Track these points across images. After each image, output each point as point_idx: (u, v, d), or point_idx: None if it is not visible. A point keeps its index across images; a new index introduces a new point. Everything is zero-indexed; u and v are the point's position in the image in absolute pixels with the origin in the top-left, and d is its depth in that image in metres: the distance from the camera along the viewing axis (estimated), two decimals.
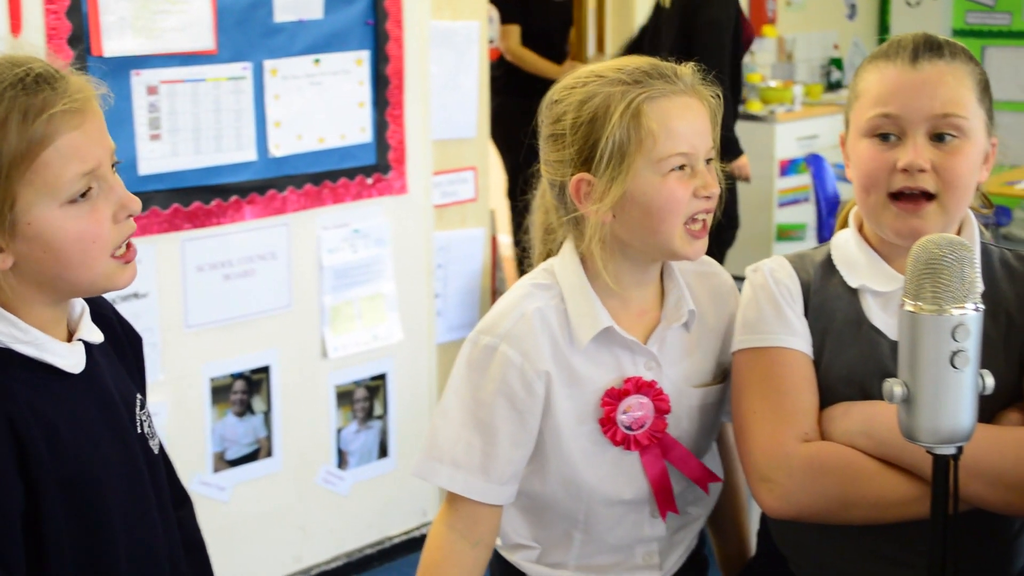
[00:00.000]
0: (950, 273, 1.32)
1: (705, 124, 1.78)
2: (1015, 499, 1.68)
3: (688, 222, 1.76)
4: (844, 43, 8.42)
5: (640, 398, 1.83)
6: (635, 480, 1.86)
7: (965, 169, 1.74)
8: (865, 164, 1.77)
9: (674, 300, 1.87)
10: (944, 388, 1.33)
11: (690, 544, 1.99)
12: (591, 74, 1.80)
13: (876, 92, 1.77)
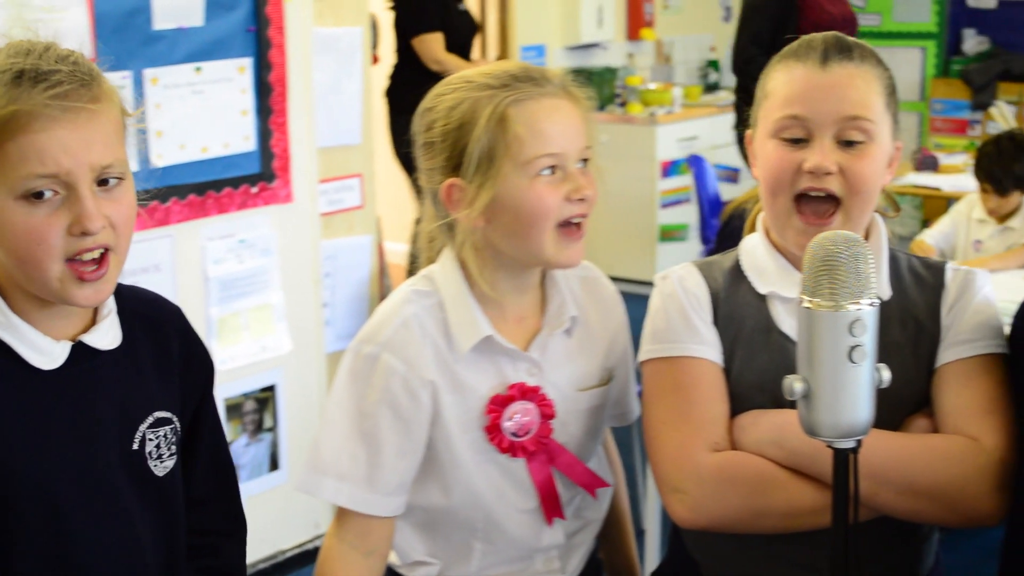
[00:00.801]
0: (846, 270, 1.33)
1: (577, 126, 1.77)
2: (924, 506, 1.69)
3: (562, 225, 1.76)
4: (721, 45, 8.53)
5: (525, 404, 1.82)
6: (525, 487, 1.86)
7: (870, 172, 1.75)
8: (772, 165, 1.77)
9: (556, 306, 1.87)
10: (842, 383, 1.35)
11: (590, 547, 1.99)
12: (461, 80, 1.79)
13: (785, 93, 1.77)
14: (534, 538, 1.88)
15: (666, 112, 7.17)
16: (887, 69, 1.80)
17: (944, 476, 1.68)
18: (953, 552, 3.72)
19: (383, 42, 6.31)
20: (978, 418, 1.72)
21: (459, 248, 1.79)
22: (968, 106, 8.31)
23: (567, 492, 1.90)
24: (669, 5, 8.13)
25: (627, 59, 7.80)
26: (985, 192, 4.76)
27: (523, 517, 1.87)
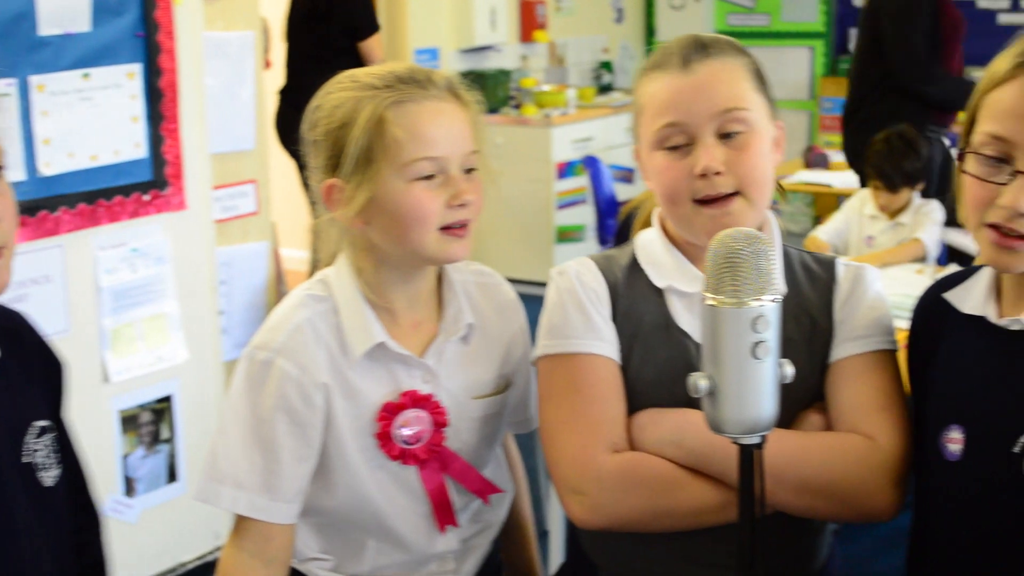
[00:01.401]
0: (748, 266, 1.33)
1: (462, 130, 1.77)
2: (821, 504, 1.71)
3: (443, 229, 1.75)
4: (613, 46, 8.59)
5: (417, 412, 1.81)
6: (417, 494, 1.85)
7: (758, 161, 1.75)
8: (664, 177, 1.76)
9: (452, 313, 1.86)
10: (747, 379, 1.35)
11: (486, 550, 1.98)
12: (348, 78, 1.78)
13: (657, 103, 1.76)
14: (427, 544, 1.87)
15: (561, 114, 7.19)
16: (748, 55, 1.80)
17: (841, 474, 1.69)
18: (849, 543, 3.79)
19: (274, 46, 6.25)
20: (873, 415, 1.74)
21: (335, 246, 1.80)
22: None
23: (461, 498, 1.89)
24: (562, 7, 8.17)
25: (521, 61, 7.81)
26: (876, 189, 4.83)
27: (415, 523, 1.86)
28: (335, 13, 5.89)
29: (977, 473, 1.64)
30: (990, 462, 1.61)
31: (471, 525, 1.93)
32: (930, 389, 1.75)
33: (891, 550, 3.80)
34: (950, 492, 1.68)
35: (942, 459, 1.68)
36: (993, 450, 1.61)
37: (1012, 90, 1.56)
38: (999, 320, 1.65)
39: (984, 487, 1.62)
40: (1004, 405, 1.61)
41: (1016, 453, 1.58)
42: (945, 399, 1.71)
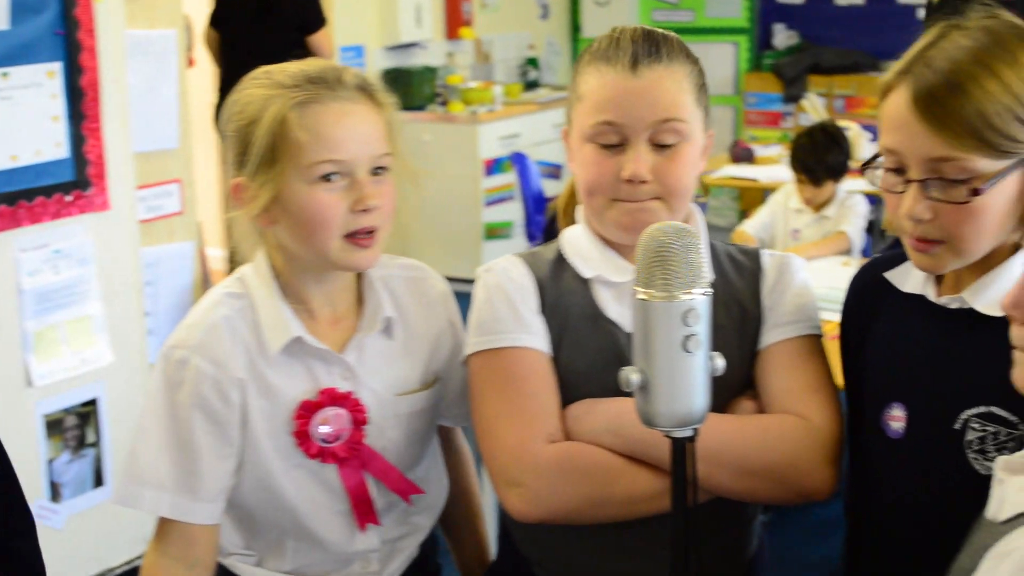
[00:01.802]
0: (678, 260, 1.33)
1: (372, 132, 1.75)
2: (757, 485, 1.72)
3: (349, 235, 1.73)
4: (539, 43, 8.61)
5: (336, 410, 1.79)
6: (336, 492, 1.83)
7: (685, 172, 1.76)
8: (590, 170, 1.76)
9: (371, 308, 1.85)
10: (678, 372, 1.35)
11: (412, 553, 1.96)
12: (264, 74, 1.77)
13: (597, 99, 1.75)
14: (346, 542, 1.86)
15: (487, 110, 7.19)
16: (696, 62, 1.80)
17: (777, 454, 1.71)
18: (778, 534, 3.82)
19: (197, 45, 6.19)
20: (805, 396, 1.76)
21: (236, 242, 1.79)
22: (780, 99, 8.54)
23: (385, 498, 1.88)
24: (487, 4, 8.16)
25: (447, 58, 7.80)
26: (800, 183, 4.89)
27: (334, 521, 1.84)
28: (284, 6, 5.85)
29: (919, 450, 1.66)
30: (932, 439, 1.64)
31: (396, 526, 1.91)
32: (868, 367, 1.77)
33: (821, 539, 3.84)
34: (893, 469, 1.70)
35: (884, 437, 1.70)
36: (935, 427, 1.64)
37: (894, 100, 1.57)
38: (938, 299, 1.67)
39: (926, 464, 1.64)
40: (945, 382, 1.63)
41: (957, 430, 1.61)
42: (886, 377, 1.73)
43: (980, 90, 1.50)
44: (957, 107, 1.50)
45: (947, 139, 1.51)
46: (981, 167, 1.52)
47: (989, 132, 1.50)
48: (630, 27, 1.80)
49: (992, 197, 1.54)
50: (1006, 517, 1.33)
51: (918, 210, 1.56)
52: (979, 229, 1.56)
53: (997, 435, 1.56)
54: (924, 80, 1.53)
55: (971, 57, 1.52)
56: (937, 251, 1.60)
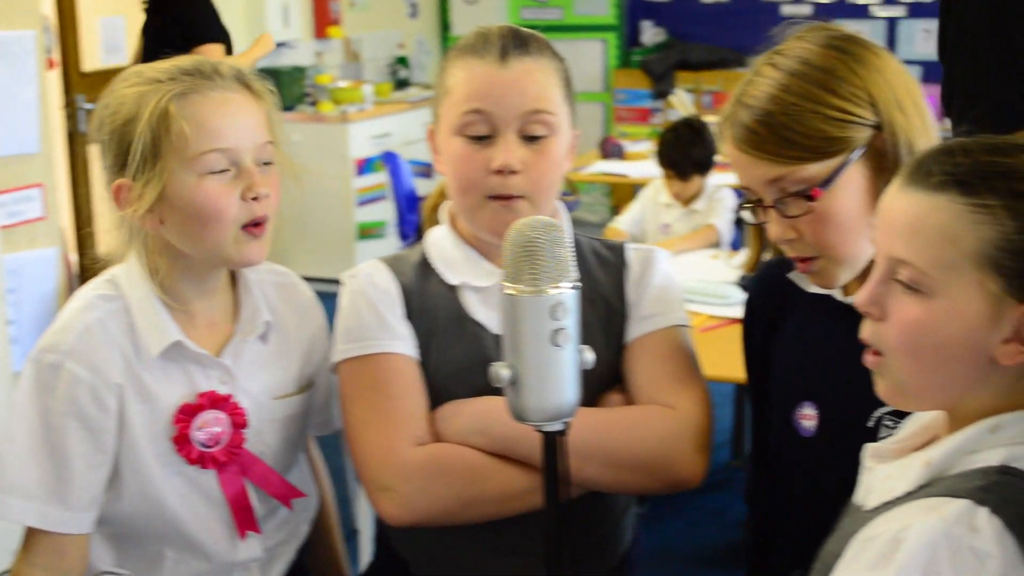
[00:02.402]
0: (545, 254, 1.33)
1: (254, 121, 1.74)
2: (626, 476, 1.73)
3: (245, 226, 1.72)
4: (408, 41, 8.58)
5: (216, 413, 1.77)
6: (216, 499, 1.81)
7: (553, 167, 1.77)
8: (460, 164, 1.76)
9: (249, 311, 1.83)
10: (548, 366, 1.35)
11: (292, 558, 1.95)
12: (133, 74, 1.74)
13: (466, 90, 1.75)
14: (228, 552, 1.83)
15: (358, 110, 7.15)
16: (562, 60, 1.82)
17: (645, 445, 1.73)
18: (654, 526, 3.87)
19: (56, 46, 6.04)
20: (671, 386, 1.79)
21: (128, 246, 1.74)
22: (649, 95, 8.63)
23: (264, 505, 1.86)
24: (355, 3, 8.11)
25: (316, 58, 7.74)
26: (668, 178, 4.94)
27: (215, 530, 1.81)
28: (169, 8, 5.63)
29: (832, 448, 1.69)
30: (844, 437, 1.66)
31: (276, 533, 1.90)
32: (778, 366, 1.80)
33: (698, 531, 3.89)
34: (804, 467, 1.73)
35: (796, 436, 1.73)
36: (847, 425, 1.67)
37: (727, 144, 1.66)
38: (846, 298, 1.70)
39: (839, 462, 1.65)
40: (856, 381, 1.64)
41: (870, 427, 1.64)
42: (796, 376, 1.76)
43: (781, 109, 1.58)
44: (766, 132, 1.59)
45: (770, 161, 1.59)
46: (813, 173, 1.59)
47: (802, 140, 1.57)
48: (496, 25, 1.81)
49: (838, 197, 1.59)
50: (873, 506, 1.36)
51: (780, 231, 1.63)
52: (840, 231, 1.61)
53: None
54: (738, 119, 1.62)
55: (773, 84, 1.60)
56: (820, 266, 1.65)
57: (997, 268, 1.25)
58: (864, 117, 1.59)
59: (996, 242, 1.25)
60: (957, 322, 1.28)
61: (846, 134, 1.59)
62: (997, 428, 1.30)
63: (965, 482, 1.26)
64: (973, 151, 1.29)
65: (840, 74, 1.59)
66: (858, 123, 1.59)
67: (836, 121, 1.58)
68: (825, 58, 1.61)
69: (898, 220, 1.32)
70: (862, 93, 1.59)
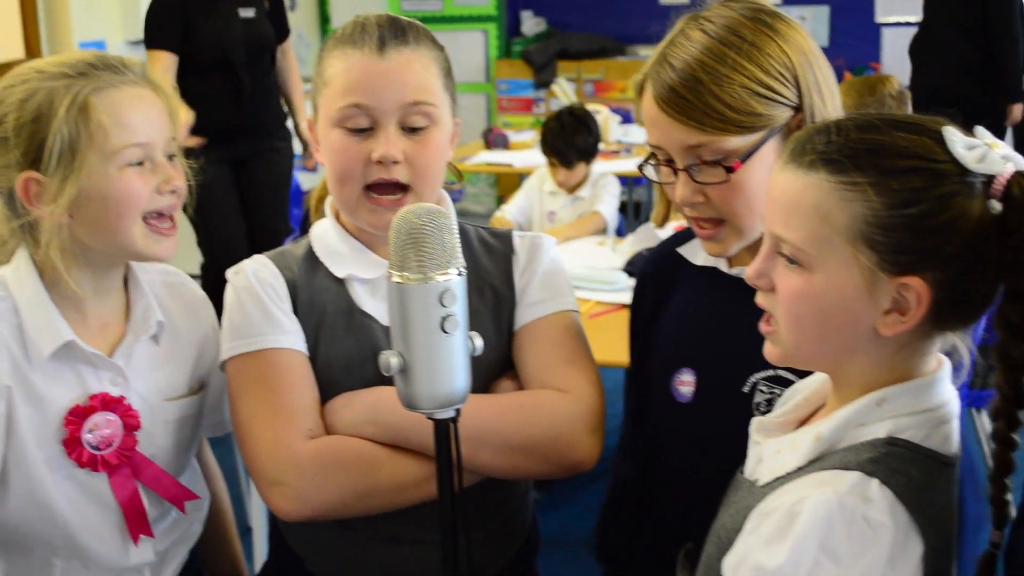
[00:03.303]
0: (432, 241, 1.33)
1: (161, 116, 1.73)
2: (520, 461, 1.73)
3: (153, 218, 1.71)
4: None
5: (107, 415, 1.74)
6: (107, 503, 1.77)
7: (436, 157, 1.76)
8: (339, 156, 1.74)
9: (141, 311, 1.80)
10: (437, 353, 1.35)
11: (183, 559, 1.92)
12: (31, 70, 1.70)
13: (345, 82, 1.73)
14: (120, 557, 1.80)
15: None
16: (441, 49, 1.81)
17: (537, 429, 1.73)
18: (552, 514, 3.89)
19: None
20: (562, 370, 1.79)
21: (44, 248, 1.69)
22: (531, 85, 8.67)
23: (156, 508, 1.83)
24: None
25: None
26: (553, 166, 4.96)
27: (107, 535, 1.78)
28: None
29: (709, 413, 1.72)
30: (721, 402, 1.70)
31: (168, 535, 1.87)
32: (661, 336, 1.82)
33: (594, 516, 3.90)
34: (681, 433, 1.75)
35: (674, 402, 1.75)
36: (724, 390, 1.70)
37: (646, 100, 1.66)
38: (731, 270, 1.74)
39: (716, 426, 1.69)
40: (734, 347, 1.68)
41: (746, 393, 1.67)
42: (676, 344, 1.78)
43: (712, 78, 1.59)
44: (695, 99, 1.59)
45: (694, 128, 1.60)
46: (733, 145, 1.61)
47: (730, 113, 1.59)
48: (374, 14, 1.79)
49: (752, 170, 1.62)
50: (766, 481, 1.38)
51: (688, 195, 1.65)
52: (748, 203, 1.64)
53: None
54: (664, 79, 1.62)
55: (702, 49, 1.61)
56: (720, 233, 1.67)
57: (869, 243, 1.28)
58: (788, 97, 1.62)
59: (866, 218, 1.28)
60: (836, 295, 1.31)
61: (770, 112, 1.61)
62: (883, 401, 1.33)
63: (855, 455, 1.29)
64: (846, 129, 1.32)
65: (769, 51, 1.62)
66: (782, 102, 1.62)
67: (763, 98, 1.60)
68: (755, 32, 1.62)
69: (778, 198, 1.35)
70: (788, 73, 1.62)
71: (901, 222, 1.27)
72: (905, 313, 1.29)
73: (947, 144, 1.28)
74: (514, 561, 1.91)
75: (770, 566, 1.24)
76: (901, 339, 1.32)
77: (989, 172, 1.29)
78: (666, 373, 1.77)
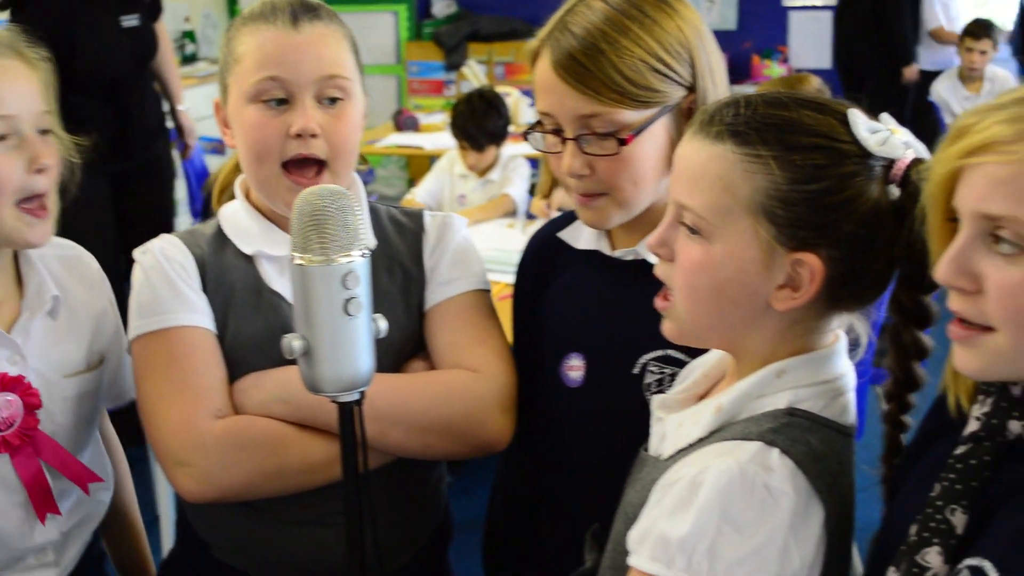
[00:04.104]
0: (334, 222, 1.33)
1: (30, 88, 1.69)
2: (432, 441, 1.72)
3: (24, 201, 1.67)
4: (195, 15, 8.40)
5: (6, 395, 1.71)
6: (10, 483, 1.74)
7: (352, 131, 1.75)
8: (256, 132, 1.72)
9: (35, 287, 1.78)
10: (341, 336, 1.35)
11: (86, 539, 1.90)
12: None
13: (259, 56, 1.71)
14: (24, 537, 1.77)
15: None
16: (346, 26, 1.80)
17: (449, 408, 1.72)
18: (464, 499, 3.89)
19: None
20: (472, 349, 1.79)
21: None
22: (442, 67, 8.64)
23: (59, 485, 1.80)
24: None
25: None
26: (463, 149, 4.96)
27: (13, 516, 1.75)
28: None
29: (598, 397, 1.73)
30: (610, 385, 1.71)
31: (72, 514, 1.84)
32: (546, 321, 1.82)
33: None
34: (573, 418, 1.75)
35: (563, 387, 1.76)
36: (613, 374, 1.70)
37: (541, 66, 1.65)
38: (614, 252, 1.75)
39: (606, 410, 1.71)
40: (622, 330, 1.70)
41: (636, 374, 1.68)
42: (563, 329, 1.78)
43: (613, 49, 1.59)
44: (594, 67, 1.59)
45: (590, 97, 1.60)
46: (627, 119, 1.61)
47: (628, 86, 1.59)
48: None
49: (641, 146, 1.63)
50: (669, 454, 1.40)
51: (576, 166, 1.64)
52: (635, 178, 1.64)
53: (674, 376, 1.64)
54: (563, 45, 1.61)
55: (604, 19, 1.61)
56: (601, 204, 1.67)
57: (769, 216, 1.30)
58: (683, 76, 1.64)
59: (768, 191, 1.30)
60: (733, 266, 1.33)
61: (666, 88, 1.62)
62: (782, 372, 1.36)
63: (755, 425, 1.32)
64: (755, 104, 1.34)
65: (668, 28, 1.62)
66: (678, 81, 1.63)
67: (661, 74, 1.61)
68: (656, 8, 1.63)
69: (684, 167, 1.37)
70: (685, 52, 1.63)
71: (801, 197, 1.29)
72: (798, 289, 1.32)
73: (851, 126, 1.31)
74: (424, 548, 1.90)
75: (674, 536, 1.25)
76: (796, 314, 1.35)
77: (889, 156, 1.32)
78: (555, 359, 1.77)
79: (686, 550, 1.24)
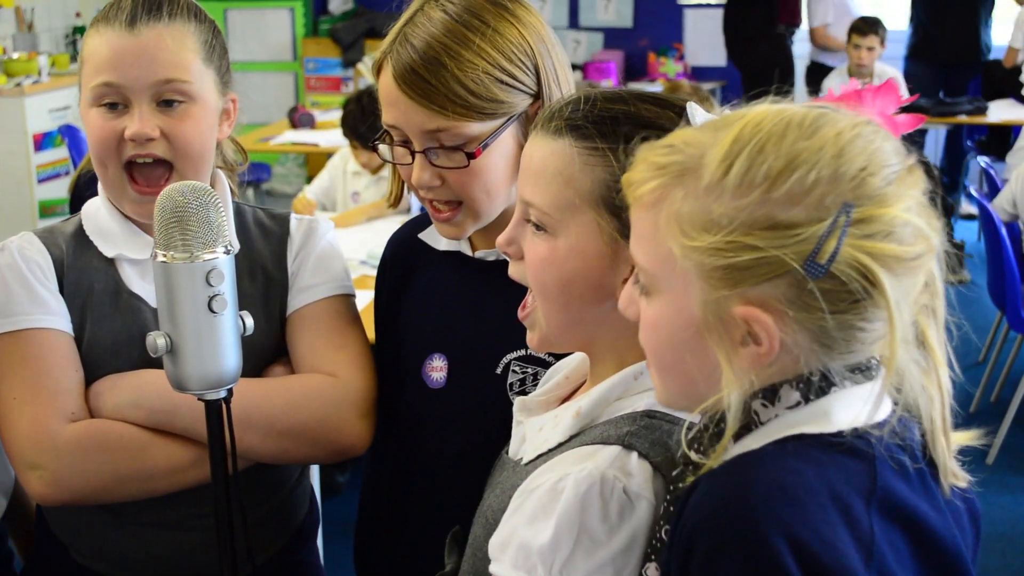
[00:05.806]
0: (197, 219, 1.32)
1: None
2: (288, 445, 1.71)
3: None
4: (86, 11, 8.28)
5: None
6: None
7: (196, 134, 1.72)
8: (95, 135, 1.70)
9: None
10: (206, 334, 1.34)
11: None
12: None
13: (97, 60, 1.69)
14: None
15: (33, 82, 6.86)
16: (206, 21, 1.77)
17: (305, 413, 1.71)
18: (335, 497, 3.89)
19: None
20: (331, 355, 1.78)
21: None
22: (339, 64, 8.60)
23: None
24: None
25: None
26: (354, 147, 4.94)
27: None
28: None
29: (463, 397, 1.72)
30: (474, 385, 1.70)
31: None
32: (408, 323, 1.81)
33: None
34: (435, 419, 1.74)
35: (426, 388, 1.74)
36: (476, 373, 1.69)
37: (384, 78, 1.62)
38: (475, 253, 1.74)
39: (469, 410, 1.70)
40: (484, 329, 1.69)
41: (499, 374, 1.67)
42: (425, 330, 1.77)
43: (456, 63, 1.57)
44: (437, 82, 1.57)
45: (436, 112, 1.58)
46: (474, 131, 1.60)
47: (473, 100, 1.58)
48: None
49: (490, 157, 1.62)
50: (530, 459, 1.40)
51: (425, 178, 1.63)
52: (486, 188, 1.64)
53: (537, 375, 1.64)
54: (404, 59, 1.59)
55: (444, 31, 1.59)
56: (457, 220, 1.67)
57: (611, 209, 1.31)
58: (527, 85, 1.63)
59: (608, 183, 1.31)
60: (578, 260, 1.34)
61: (510, 99, 1.61)
62: (640, 375, 1.35)
63: (614, 428, 1.31)
64: (596, 100, 1.36)
65: (510, 37, 1.61)
66: (522, 90, 1.62)
67: (505, 85, 1.60)
68: (497, 17, 1.62)
69: (527, 165, 1.38)
70: (528, 61, 1.62)
71: None
72: None
73: (689, 118, 1.32)
74: (287, 547, 1.90)
75: (535, 544, 1.25)
76: None
77: None
78: (417, 360, 1.76)
79: (546, 560, 1.24)
